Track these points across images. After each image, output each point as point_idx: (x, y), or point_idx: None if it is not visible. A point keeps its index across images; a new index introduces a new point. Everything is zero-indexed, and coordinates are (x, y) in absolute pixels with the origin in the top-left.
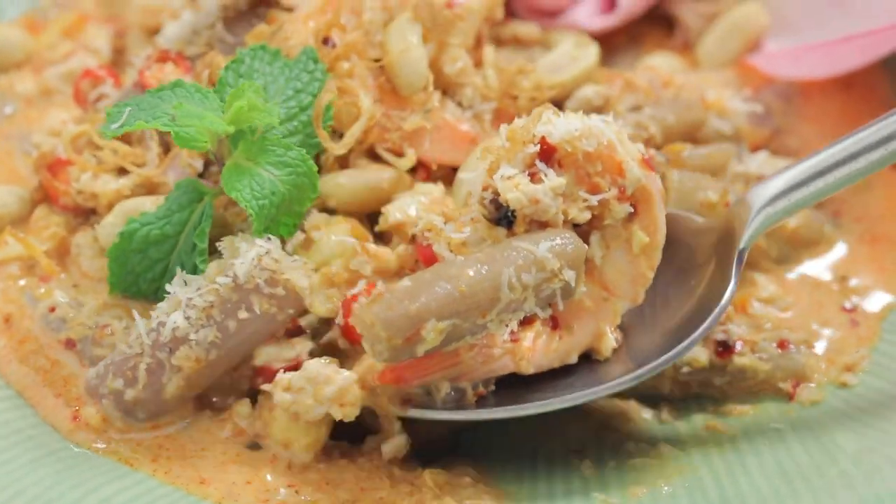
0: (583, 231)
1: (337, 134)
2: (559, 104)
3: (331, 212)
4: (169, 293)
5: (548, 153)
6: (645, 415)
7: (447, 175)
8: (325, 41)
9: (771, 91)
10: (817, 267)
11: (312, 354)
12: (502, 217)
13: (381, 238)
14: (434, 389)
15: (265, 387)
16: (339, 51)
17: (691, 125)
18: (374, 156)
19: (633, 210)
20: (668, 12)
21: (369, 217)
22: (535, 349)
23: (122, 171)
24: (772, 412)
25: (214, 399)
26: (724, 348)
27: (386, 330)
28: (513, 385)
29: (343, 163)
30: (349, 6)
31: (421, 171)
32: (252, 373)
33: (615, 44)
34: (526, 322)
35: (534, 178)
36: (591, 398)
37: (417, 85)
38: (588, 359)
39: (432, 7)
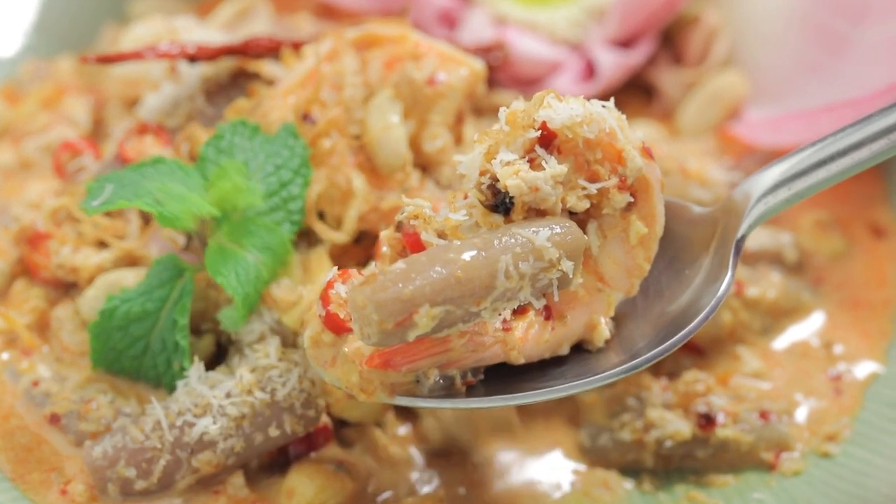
0: (579, 220)
1: (323, 216)
2: None
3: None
4: (184, 382)
5: (547, 139)
6: (626, 485)
7: None
8: (306, 117)
9: (752, 159)
10: (801, 335)
11: None
12: (500, 203)
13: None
14: (422, 377)
15: None
16: (320, 128)
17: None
18: None
19: (632, 199)
20: (647, 81)
21: None
22: (527, 339)
23: (102, 244)
24: (754, 482)
25: None
26: (707, 421)
27: (378, 312)
28: (503, 374)
29: None
30: (330, 81)
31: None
32: None
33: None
34: (519, 311)
35: (533, 164)
36: (581, 389)
37: (397, 164)
38: (580, 349)
39: (413, 84)
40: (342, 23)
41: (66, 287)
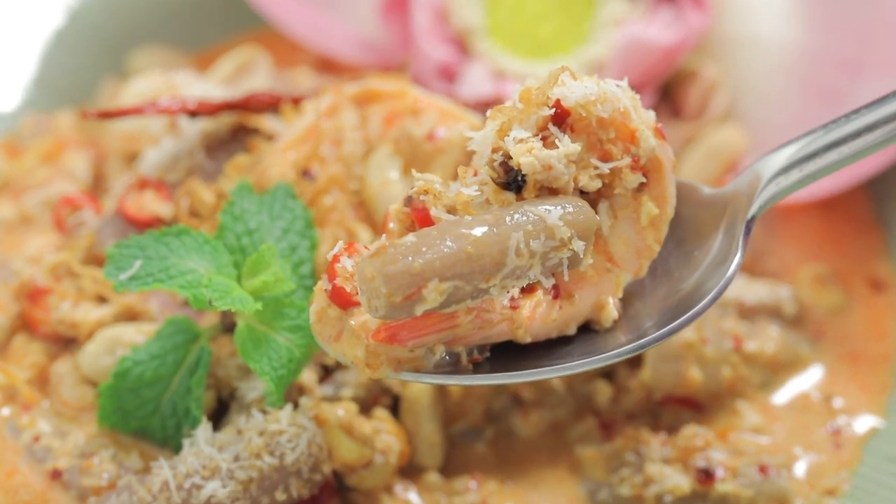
0: (591, 199)
1: None
2: None
3: None
4: (190, 442)
5: (561, 117)
6: None
7: None
8: (305, 173)
9: None
10: (800, 389)
11: None
12: (511, 181)
13: None
14: (428, 352)
15: None
16: (320, 184)
17: None
18: None
19: (644, 180)
20: None
21: None
22: (534, 318)
23: (102, 299)
24: None
25: None
26: (706, 475)
27: (386, 285)
28: (509, 352)
29: None
30: (329, 137)
31: None
32: None
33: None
34: (527, 289)
35: (545, 142)
36: (588, 367)
37: None
38: (587, 329)
39: (413, 140)
40: (342, 77)
41: (66, 342)
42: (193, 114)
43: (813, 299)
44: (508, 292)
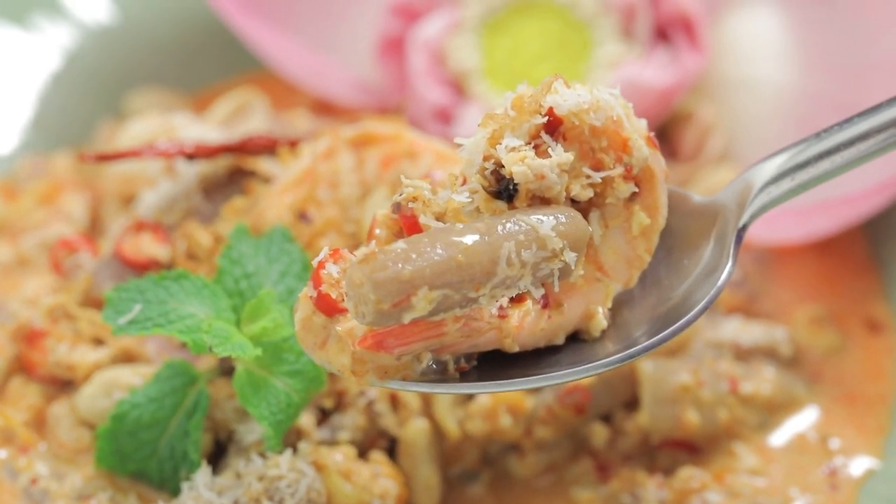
0: (582, 208)
1: None
2: None
3: None
4: (189, 485)
5: (553, 125)
6: None
7: None
8: (302, 216)
9: (746, 255)
10: (797, 430)
11: None
12: (503, 190)
13: None
14: (415, 360)
15: None
16: (317, 227)
17: None
18: None
19: (636, 190)
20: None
21: None
22: (523, 327)
23: (99, 341)
24: None
25: None
26: None
27: (375, 292)
28: (497, 361)
29: None
30: (326, 180)
31: None
32: None
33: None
34: (516, 299)
35: (538, 150)
36: (577, 377)
37: None
38: (575, 338)
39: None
40: (338, 120)
41: (63, 384)
42: (191, 156)
43: (809, 340)
44: (497, 301)
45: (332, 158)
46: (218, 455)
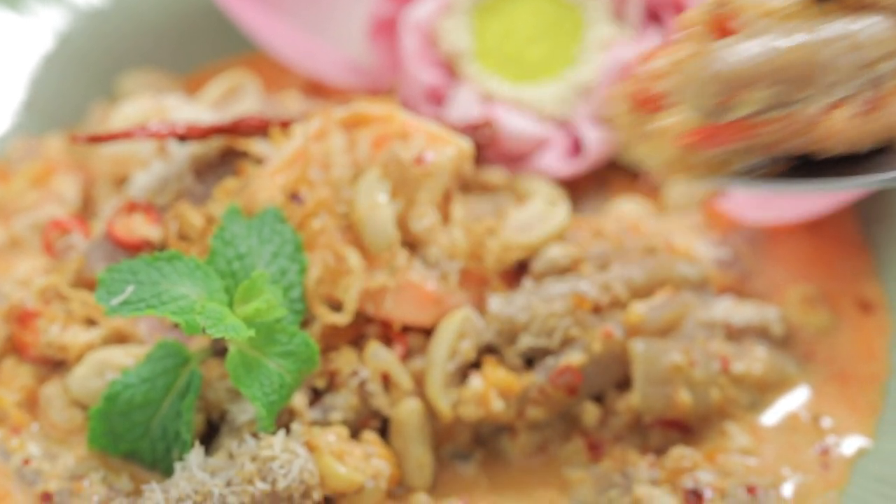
0: None
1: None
2: (526, 263)
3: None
4: (182, 466)
5: None
6: None
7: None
8: (294, 197)
9: (738, 235)
10: (789, 409)
11: None
12: None
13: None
14: (734, 158)
15: None
16: (308, 208)
17: (659, 282)
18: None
19: None
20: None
21: None
22: (846, 129)
23: (91, 322)
24: None
25: None
26: (695, 497)
27: (702, 88)
28: (814, 165)
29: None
30: (318, 161)
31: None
32: None
33: (582, 189)
34: (841, 100)
35: None
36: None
37: (384, 243)
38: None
39: (401, 164)
40: (330, 101)
41: (55, 365)
42: (182, 138)
43: (801, 320)
44: (823, 102)
45: (324, 139)
46: (210, 435)
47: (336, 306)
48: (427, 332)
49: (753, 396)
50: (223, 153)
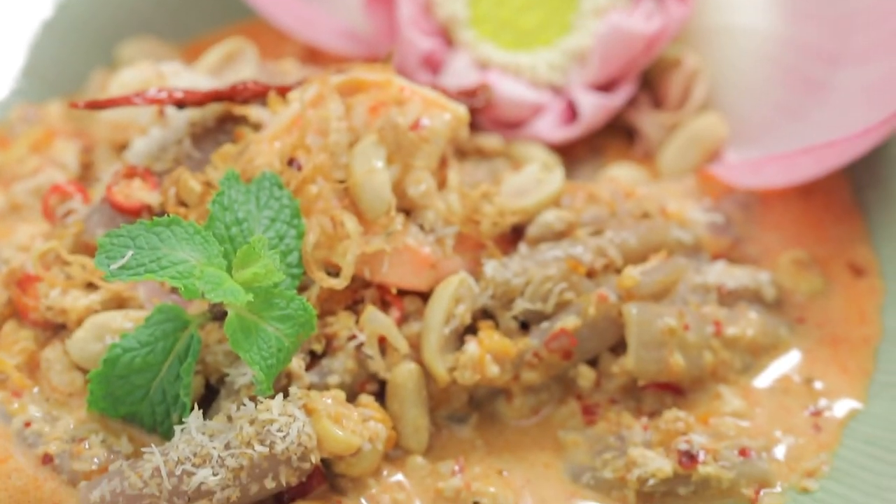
0: None
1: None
2: (521, 228)
3: None
4: (182, 429)
5: None
6: None
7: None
8: (291, 162)
9: (731, 200)
10: (781, 372)
11: None
12: None
13: None
14: None
15: None
16: (305, 173)
17: (653, 247)
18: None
19: None
20: (628, 123)
21: None
22: None
23: (91, 286)
24: None
25: None
26: (688, 459)
27: None
28: None
29: None
30: (315, 127)
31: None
32: None
33: (577, 155)
34: None
35: None
36: None
37: (381, 208)
38: None
39: (397, 130)
40: (327, 67)
41: (56, 328)
42: (181, 104)
43: (793, 284)
44: None
45: (321, 105)
46: (209, 398)
47: (333, 271)
48: (423, 296)
49: (746, 360)
50: (221, 119)
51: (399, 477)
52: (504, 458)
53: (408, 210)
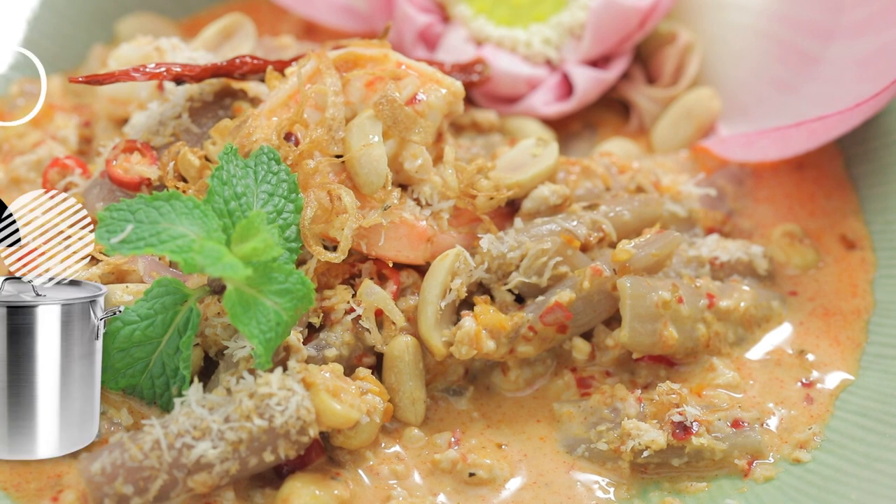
0: None
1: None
2: (516, 203)
3: None
4: (181, 401)
5: None
6: (601, 494)
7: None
8: (288, 137)
9: (724, 174)
10: (774, 345)
11: None
12: None
13: None
14: None
15: None
16: (303, 148)
17: (648, 221)
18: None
19: None
20: (623, 98)
21: None
22: None
23: (91, 260)
24: (727, 489)
25: None
26: (682, 430)
27: None
28: None
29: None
30: (312, 102)
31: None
32: None
33: (571, 129)
34: None
35: None
36: None
37: (377, 183)
38: None
39: (394, 104)
40: (324, 43)
41: None
42: (179, 79)
43: (785, 257)
44: None
45: (318, 80)
46: (208, 371)
47: (331, 245)
48: (420, 270)
49: (739, 332)
50: (219, 94)
51: (396, 448)
52: (500, 429)
53: (404, 184)
